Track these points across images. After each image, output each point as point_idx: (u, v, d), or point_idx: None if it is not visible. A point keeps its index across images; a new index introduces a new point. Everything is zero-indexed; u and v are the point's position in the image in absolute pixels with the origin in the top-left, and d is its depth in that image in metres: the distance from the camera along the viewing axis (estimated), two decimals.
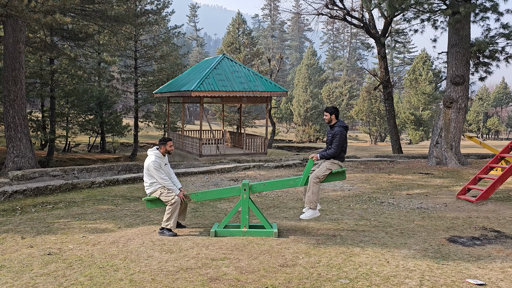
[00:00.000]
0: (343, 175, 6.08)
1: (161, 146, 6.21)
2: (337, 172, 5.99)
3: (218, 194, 6.29)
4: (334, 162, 5.98)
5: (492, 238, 6.03)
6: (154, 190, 6.11)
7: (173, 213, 6.01)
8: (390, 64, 76.33)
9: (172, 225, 6.00)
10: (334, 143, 5.93)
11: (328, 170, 5.94)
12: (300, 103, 54.69)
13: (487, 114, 66.11)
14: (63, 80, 23.24)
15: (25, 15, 12.75)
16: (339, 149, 5.93)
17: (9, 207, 8.28)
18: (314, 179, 5.92)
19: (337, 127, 6.04)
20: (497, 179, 8.65)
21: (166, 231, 6.01)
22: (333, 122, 6.16)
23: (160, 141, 6.23)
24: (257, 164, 13.93)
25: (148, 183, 6.13)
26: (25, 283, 4.30)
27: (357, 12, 23.50)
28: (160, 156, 6.15)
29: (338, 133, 5.95)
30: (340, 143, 5.94)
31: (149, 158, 6.12)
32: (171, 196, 6.04)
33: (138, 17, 22.36)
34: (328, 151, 5.95)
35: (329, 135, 6.11)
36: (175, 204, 6.02)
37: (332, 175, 6.02)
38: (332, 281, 4.34)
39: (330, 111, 6.14)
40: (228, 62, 20.72)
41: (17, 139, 15.06)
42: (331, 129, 6.12)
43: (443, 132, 14.56)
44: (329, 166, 5.96)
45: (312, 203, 5.93)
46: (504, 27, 14.64)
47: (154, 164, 6.03)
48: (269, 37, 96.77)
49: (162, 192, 6.06)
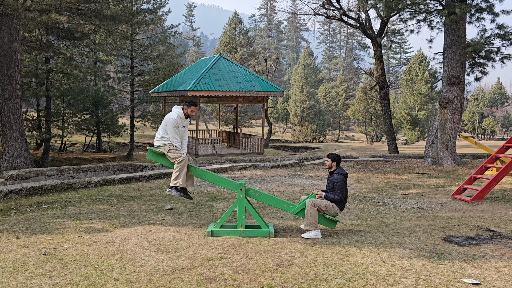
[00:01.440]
0: (333, 225, 6.15)
1: (184, 107, 6.17)
2: (330, 219, 6.06)
3: (216, 180, 6.24)
4: (334, 207, 6.06)
5: (487, 238, 6.06)
6: (162, 145, 6.07)
7: (181, 171, 5.99)
8: (386, 64, 76.51)
9: (181, 183, 5.98)
10: (338, 190, 6.05)
11: (325, 207, 6.00)
12: (297, 103, 54.73)
13: (482, 114, 66.42)
14: (59, 80, 23.13)
15: (20, 13, 12.69)
16: (343, 195, 6.07)
17: (4, 207, 8.24)
18: (311, 203, 5.98)
19: (336, 174, 6.18)
20: (492, 179, 8.69)
21: (174, 190, 6.02)
22: (333, 169, 6.31)
23: (186, 102, 6.19)
24: (253, 164, 13.93)
25: (160, 136, 6.10)
26: (20, 283, 4.28)
27: (354, 12, 23.55)
28: (181, 117, 6.13)
29: (339, 180, 6.09)
30: (343, 190, 6.08)
31: (172, 115, 6.08)
32: (179, 153, 6.01)
33: (135, 16, 22.29)
34: (334, 196, 6.04)
35: (329, 182, 6.24)
36: (183, 162, 5.98)
37: (323, 218, 6.07)
38: (328, 280, 4.34)
39: (332, 158, 6.29)
40: (224, 62, 20.71)
41: (13, 139, 14.99)
42: (331, 175, 6.27)
43: (439, 132, 14.61)
44: (329, 207, 6.03)
45: (312, 224, 5.97)
46: (499, 27, 14.71)
47: (173, 122, 6.01)
48: (266, 37, 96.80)
49: (171, 149, 6.02)
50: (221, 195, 9.40)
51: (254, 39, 49.45)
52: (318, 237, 5.97)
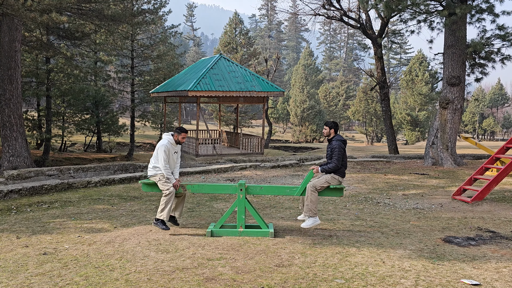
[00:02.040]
0: (340, 192, 6.10)
1: (174, 134, 6.28)
2: (335, 188, 6.03)
3: (214, 189, 6.31)
4: (335, 177, 6.03)
5: (487, 238, 6.06)
6: (154, 175, 6.15)
7: (167, 204, 6.02)
8: (386, 64, 76.53)
9: (165, 217, 6.02)
10: (334, 157, 5.98)
11: (326, 183, 5.98)
12: (297, 103, 54.73)
13: (482, 115, 66.42)
14: (59, 79, 23.12)
15: (21, 13, 12.69)
16: (339, 162, 5.99)
17: (4, 207, 8.24)
18: (312, 187, 5.96)
19: (335, 141, 6.11)
20: (492, 179, 8.69)
21: (160, 223, 6.06)
22: (331, 136, 6.24)
23: (176, 129, 6.31)
24: (253, 164, 13.93)
25: (152, 166, 6.19)
26: (20, 283, 4.29)
27: (354, 13, 23.55)
28: (172, 143, 6.23)
29: (337, 146, 6.01)
30: (340, 156, 5.99)
31: (162, 141, 6.20)
32: (167, 186, 6.06)
33: (135, 16, 22.29)
34: (330, 165, 6.00)
35: (328, 150, 6.17)
36: (169, 195, 6.03)
37: (329, 190, 6.05)
38: (328, 281, 4.35)
39: (330, 125, 6.23)
40: (225, 62, 20.71)
41: (13, 138, 14.99)
42: (330, 143, 6.20)
43: (439, 132, 14.61)
44: (329, 179, 6.00)
45: (311, 211, 5.95)
46: (500, 28, 14.71)
47: (164, 148, 6.10)
48: (266, 37, 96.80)
49: (161, 179, 6.09)
50: (221, 195, 9.41)
51: (254, 39, 49.44)
52: (317, 223, 5.99)
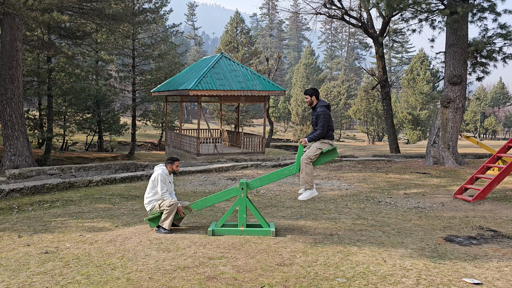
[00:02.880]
0: (334, 153, 6.00)
1: (167, 165, 6.34)
2: (328, 151, 5.94)
3: (217, 198, 6.24)
4: (324, 142, 5.96)
5: (488, 238, 6.05)
6: (153, 207, 6.19)
7: (169, 214, 6.06)
8: (388, 63, 76.44)
9: (167, 226, 6.08)
10: (319, 124, 5.91)
11: (318, 149, 5.90)
12: (298, 102, 54.70)
13: (484, 114, 66.28)
14: (61, 79, 23.15)
15: (22, 13, 12.70)
16: (325, 128, 5.90)
17: (6, 206, 8.26)
18: (306, 159, 5.90)
19: (319, 108, 6.00)
20: (494, 178, 8.68)
21: (162, 229, 6.10)
22: (314, 103, 6.12)
23: (168, 160, 6.36)
24: (254, 163, 13.94)
25: (147, 201, 6.22)
26: (22, 282, 4.29)
27: (355, 12, 23.52)
28: (166, 173, 6.29)
29: (321, 113, 5.92)
30: (325, 122, 5.89)
31: (157, 172, 6.25)
32: (169, 200, 6.10)
33: (136, 15, 22.30)
34: (315, 133, 5.93)
35: (313, 117, 6.08)
36: (172, 206, 6.06)
37: (324, 155, 5.96)
38: (329, 280, 4.34)
39: (310, 93, 6.10)
40: (226, 61, 20.71)
41: (14, 138, 15.01)
42: (314, 110, 6.09)
43: (441, 131, 14.59)
44: (319, 145, 5.93)
45: (308, 183, 5.89)
46: (501, 27, 14.67)
47: (160, 177, 6.16)
48: (267, 36, 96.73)
49: (160, 204, 6.13)
50: None
51: (255, 38, 49.41)
52: (314, 194, 5.98)
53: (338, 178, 11.76)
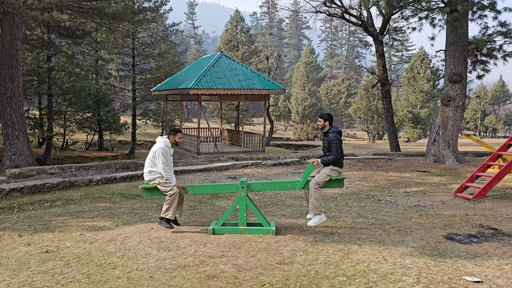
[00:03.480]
0: (341, 183, 6.14)
1: (170, 136, 6.23)
2: (336, 179, 6.06)
3: (215, 188, 6.31)
4: (334, 169, 6.05)
5: (489, 236, 6.05)
6: (152, 179, 6.11)
7: (171, 203, 6.02)
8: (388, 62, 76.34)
9: (171, 215, 6.02)
10: (333, 149, 6.01)
11: (328, 176, 6.01)
12: (298, 101, 54.68)
13: (484, 112, 66.25)
14: (61, 78, 23.14)
15: (22, 12, 12.69)
16: (339, 154, 6.02)
17: (6, 205, 8.26)
18: (315, 185, 5.98)
19: (331, 133, 6.13)
20: (494, 177, 8.67)
21: (164, 222, 6.07)
22: (326, 129, 6.25)
23: (171, 131, 6.25)
24: (255, 162, 13.94)
25: (147, 170, 6.14)
26: (23, 281, 4.30)
27: (355, 10, 23.49)
28: (168, 146, 6.19)
29: (334, 139, 6.04)
30: (339, 148, 6.03)
31: (158, 144, 6.14)
32: (170, 186, 6.04)
33: (136, 14, 22.29)
34: (329, 157, 6.02)
35: (325, 142, 6.19)
36: (174, 195, 6.03)
37: (331, 182, 6.08)
38: (329, 278, 4.35)
39: (324, 118, 6.23)
40: (226, 60, 20.70)
41: (15, 137, 15.01)
42: (325, 136, 6.21)
43: (441, 130, 14.58)
44: (329, 172, 6.02)
45: (317, 208, 5.97)
46: (501, 25, 14.66)
47: (162, 151, 6.06)
48: (267, 35, 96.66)
49: (160, 182, 6.07)
50: (223, 193, 9.41)
51: (255, 37, 49.37)
52: (323, 220, 6.02)
53: None
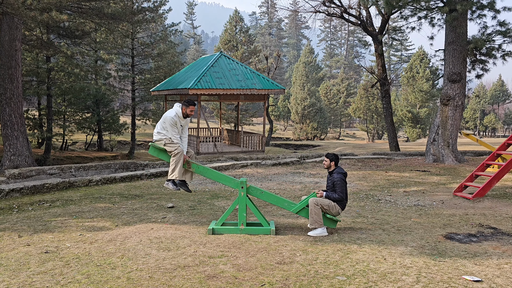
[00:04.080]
0: (334, 224, 6.12)
1: (183, 106, 6.21)
2: (331, 218, 6.05)
3: (217, 177, 6.26)
4: (336, 206, 6.07)
5: (488, 235, 6.06)
6: (159, 139, 6.13)
7: (177, 163, 6.02)
8: (387, 61, 76.39)
9: (178, 176, 6.02)
10: (338, 189, 6.07)
11: (327, 207, 5.99)
12: (298, 101, 54.68)
13: (484, 111, 66.29)
14: (60, 78, 23.12)
15: (21, 12, 12.68)
16: (344, 194, 6.09)
17: (6, 206, 8.26)
18: (315, 202, 5.99)
19: (335, 174, 6.20)
20: (493, 176, 8.68)
21: (171, 183, 6.09)
22: (332, 169, 6.32)
23: (184, 102, 6.23)
24: (254, 162, 13.94)
25: (157, 131, 6.17)
26: (22, 281, 4.30)
27: (355, 10, 23.50)
28: (180, 116, 6.16)
29: (339, 179, 6.12)
30: (343, 188, 6.10)
31: (171, 112, 6.13)
32: (175, 146, 6.03)
33: (135, 14, 22.27)
34: (335, 195, 6.06)
35: (329, 182, 6.26)
36: (178, 154, 6.02)
37: (324, 218, 6.04)
38: (329, 278, 4.35)
39: (331, 158, 6.32)
40: (225, 60, 20.70)
41: (14, 137, 15.01)
42: (330, 175, 6.29)
43: (440, 129, 14.59)
44: (331, 206, 6.03)
45: (317, 222, 5.97)
46: (501, 24, 14.66)
47: (171, 120, 6.06)
48: (267, 34, 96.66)
49: (167, 143, 6.06)
50: (222, 193, 9.42)
51: (255, 37, 49.40)
52: (324, 234, 5.99)
53: None
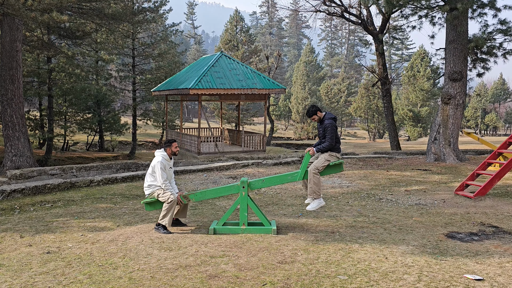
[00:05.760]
0: (340, 167, 6.12)
1: (166, 148, 6.31)
2: (335, 164, 6.04)
3: (217, 192, 6.28)
4: (332, 154, 6.05)
5: (490, 234, 6.05)
6: (152, 192, 6.17)
7: (168, 211, 6.04)
8: (388, 60, 76.32)
9: (167, 223, 6.05)
10: (328, 136, 6.00)
11: (326, 161, 6.00)
12: (299, 100, 54.65)
13: (485, 110, 66.16)
14: (61, 79, 23.14)
15: (22, 13, 12.70)
16: (333, 140, 6.00)
17: (7, 206, 8.27)
18: (314, 170, 5.97)
19: (326, 120, 6.11)
20: (495, 175, 8.67)
21: (161, 228, 6.08)
22: (321, 117, 6.22)
23: (165, 144, 6.35)
24: (255, 162, 13.94)
25: (147, 184, 6.21)
26: (24, 282, 4.31)
27: (355, 9, 23.48)
28: (166, 159, 6.27)
29: (329, 125, 6.02)
30: (333, 134, 6.01)
31: (156, 158, 6.22)
32: (167, 195, 6.08)
33: (136, 15, 22.27)
34: (324, 144, 6.02)
35: (320, 130, 6.18)
36: (171, 202, 6.05)
37: (330, 168, 6.07)
38: (330, 277, 4.35)
39: (312, 111, 6.18)
40: (226, 60, 20.70)
41: (15, 138, 15.03)
42: (321, 124, 6.18)
43: (441, 128, 14.57)
44: (328, 157, 6.02)
45: (315, 193, 5.97)
46: (501, 23, 14.64)
47: (160, 165, 6.13)
48: (267, 34, 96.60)
49: (159, 193, 6.11)
50: None
51: (255, 36, 49.39)
52: (322, 204, 6.04)
53: (339, 176, 11.75)
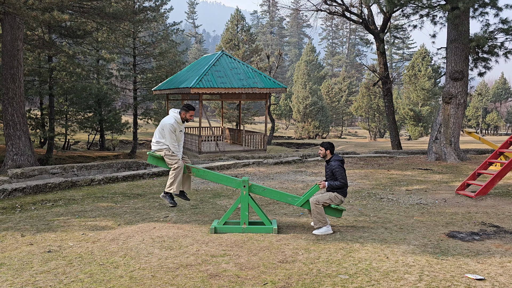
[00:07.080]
0: (339, 213, 6.12)
1: (182, 111, 6.17)
2: (335, 208, 6.05)
3: (218, 178, 6.25)
4: (338, 196, 6.05)
5: (491, 233, 6.05)
6: (159, 149, 6.10)
7: (176, 177, 6.02)
8: (389, 60, 76.26)
9: (175, 190, 6.03)
10: (338, 176, 6.03)
11: (330, 200, 6.00)
12: (299, 100, 54.64)
13: (486, 109, 66.12)
14: (62, 78, 23.15)
15: (23, 12, 12.71)
16: (344, 181, 6.03)
17: (8, 205, 8.28)
18: (315, 202, 5.97)
19: (333, 162, 6.15)
20: (496, 174, 8.66)
21: (168, 197, 6.11)
22: (328, 157, 6.27)
23: (183, 106, 6.19)
24: (256, 161, 13.93)
25: (155, 141, 6.14)
26: (25, 281, 4.31)
27: (356, 8, 23.46)
28: (178, 122, 6.15)
29: (336, 167, 6.06)
30: (344, 175, 6.05)
31: (169, 120, 6.10)
32: (175, 160, 6.02)
33: (137, 14, 22.28)
34: (336, 182, 6.02)
35: (327, 170, 6.20)
36: (178, 169, 6.02)
37: (328, 209, 6.06)
38: (331, 276, 4.35)
39: (326, 147, 6.25)
40: (227, 59, 20.69)
41: (16, 137, 15.04)
42: (327, 164, 6.24)
43: (442, 127, 14.56)
44: (333, 198, 6.02)
45: (321, 221, 5.95)
46: (503, 22, 14.61)
47: (170, 127, 6.04)
48: (268, 33, 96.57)
49: (167, 154, 6.05)
50: (225, 192, 9.42)
51: (256, 35, 49.36)
52: (329, 232, 5.97)
53: None
